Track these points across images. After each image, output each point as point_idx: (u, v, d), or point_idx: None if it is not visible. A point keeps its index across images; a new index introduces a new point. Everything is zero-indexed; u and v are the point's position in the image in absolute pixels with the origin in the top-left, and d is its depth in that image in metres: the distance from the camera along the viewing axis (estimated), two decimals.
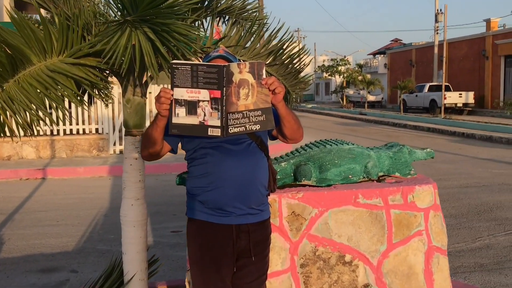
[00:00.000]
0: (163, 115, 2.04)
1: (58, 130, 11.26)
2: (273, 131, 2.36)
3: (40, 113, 2.22)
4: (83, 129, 11.57)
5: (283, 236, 2.76)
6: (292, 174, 2.95)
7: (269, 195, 2.39)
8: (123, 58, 2.13)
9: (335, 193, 2.78)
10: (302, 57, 2.73)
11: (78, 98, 2.30)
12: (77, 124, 11.48)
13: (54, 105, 2.29)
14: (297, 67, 2.76)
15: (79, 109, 11.34)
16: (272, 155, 2.65)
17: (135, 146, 2.79)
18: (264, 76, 2.01)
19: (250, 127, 2.01)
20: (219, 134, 1.99)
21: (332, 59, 41.09)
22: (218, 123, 1.97)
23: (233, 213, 2.21)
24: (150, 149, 2.24)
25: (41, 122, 2.28)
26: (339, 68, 39.13)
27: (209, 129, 1.98)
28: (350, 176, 2.93)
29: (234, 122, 1.99)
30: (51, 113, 2.33)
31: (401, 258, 2.85)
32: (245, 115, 2.00)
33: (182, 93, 1.97)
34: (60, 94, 2.26)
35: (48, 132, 11.20)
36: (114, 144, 11.59)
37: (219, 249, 2.22)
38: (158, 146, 2.23)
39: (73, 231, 5.93)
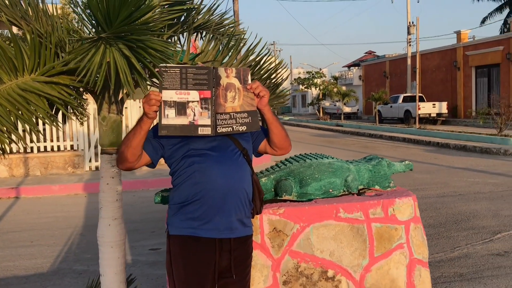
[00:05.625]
0: (151, 117, 2.06)
1: (31, 148, 11.00)
2: (260, 146, 2.40)
3: (12, 135, 2.14)
4: (58, 146, 11.34)
5: (265, 253, 2.71)
6: (272, 190, 2.92)
7: (253, 217, 2.37)
8: (97, 76, 2.08)
9: (316, 208, 2.76)
10: (280, 71, 2.72)
11: (51, 117, 2.22)
12: (52, 141, 11.25)
13: (26, 125, 2.22)
14: (275, 81, 2.74)
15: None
16: None
17: (112, 164, 2.72)
18: (249, 81, 2.11)
19: (237, 128, 2.10)
20: (209, 133, 2.05)
21: (307, 72, 41.46)
22: (208, 122, 2.04)
23: (217, 227, 2.18)
24: (128, 155, 2.17)
25: (12, 144, 2.20)
26: (315, 80, 39.49)
27: (199, 128, 2.05)
28: (330, 190, 2.91)
29: (222, 122, 2.07)
30: (23, 131, 2.26)
31: (384, 271, 2.83)
32: (232, 117, 2.08)
33: (171, 95, 2.03)
34: (32, 114, 2.19)
35: (22, 150, 10.94)
36: (90, 160, 11.39)
37: (203, 267, 2.19)
38: (138, 153, 2.18)
39: (48, 251, 5.77)
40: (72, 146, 11.50)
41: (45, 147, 11.21)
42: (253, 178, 2.33)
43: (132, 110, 11.65)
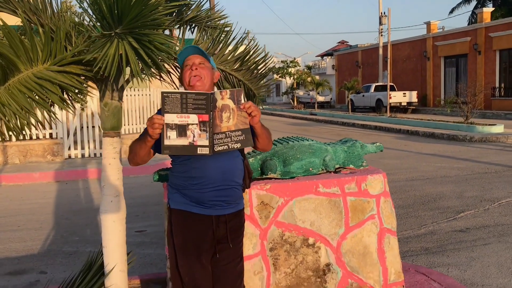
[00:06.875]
0: (155, 138, 2.30)
1: (10, 136, 10.99)
2: None
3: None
4: (37, 134, 11.40)
5: (253, 224, 3.05)
6: (259, 169, 3.25)
7: (244, 191, 2.68)
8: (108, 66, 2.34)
9: (298, 184, 3.11)
10: (267, 62, 3.04)
11: (65, 102, 2.49)
12: (30, 129, 11.26)
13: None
14: (262, 72, 3.06)
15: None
16: None
17: (113, 146, 2.99)
18: (242, 101, 2.30)
19: (232, 145, 2.29)
20: (207, 152, 2.25)
21: (282, 61, 41.76)
22: (206, 142, 2.24)
23: (213, 207, 2.48)
24: (138, 160, 2.50)
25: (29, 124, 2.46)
26: (289, 70, 39.84)
27: (198, 148, 2.25)
28: (310, 169, 3.26)
29: (219, 141, 2.26)
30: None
31: (357, 239, 3.21)
32: (227, 135, 2.28)
33: (172, 118, 2.23)
34: (47, 99, 2.45)
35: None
36: (69, 148, 11.49)
37: (201, 236, 2.49)
38: (146, 158, 2.50)
39: (36, 235, 5.95)
40: (51, 135, 11.56)
41: (24, 135, 11.22)
42: (244, 163, 2.65)
43: None
